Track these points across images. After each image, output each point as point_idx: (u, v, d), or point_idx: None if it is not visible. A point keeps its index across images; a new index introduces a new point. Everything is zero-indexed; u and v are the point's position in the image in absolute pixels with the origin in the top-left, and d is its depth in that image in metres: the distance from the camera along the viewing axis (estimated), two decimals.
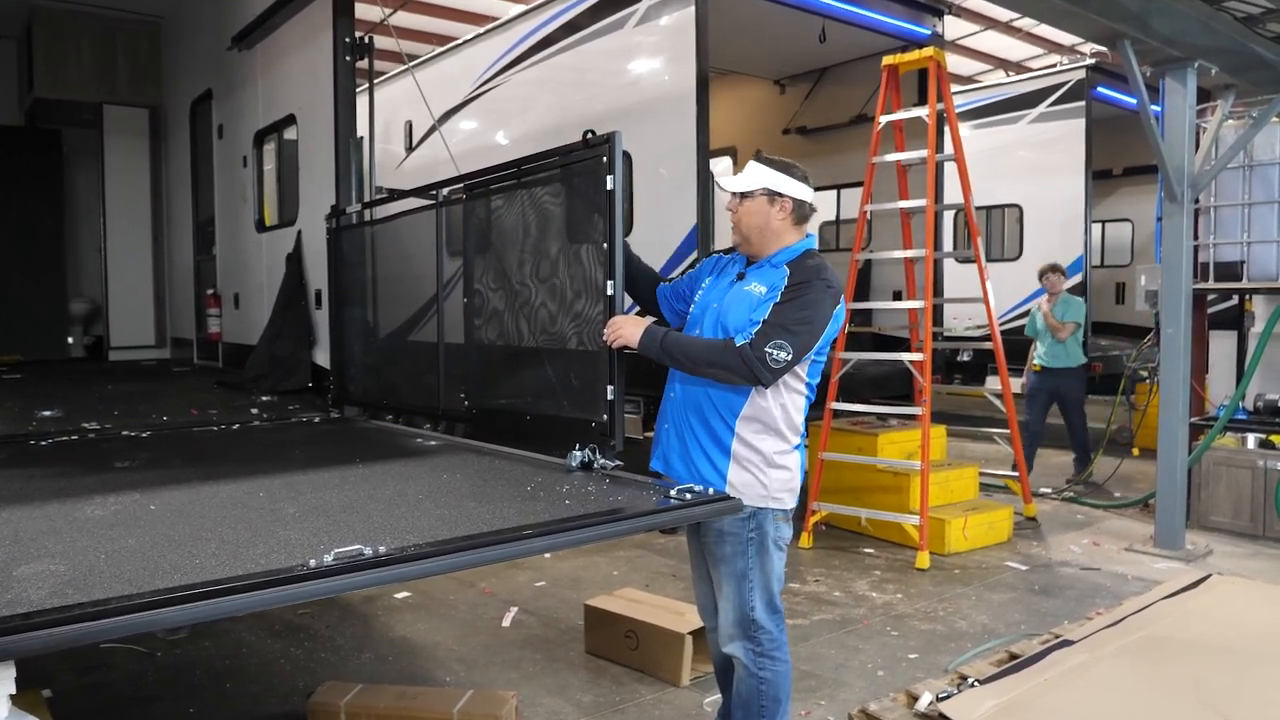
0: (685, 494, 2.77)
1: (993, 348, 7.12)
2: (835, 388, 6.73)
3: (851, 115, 9.37)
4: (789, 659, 3.17)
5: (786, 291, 2.91)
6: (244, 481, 3.17)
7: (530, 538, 2.39)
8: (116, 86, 8.39)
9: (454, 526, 2.48)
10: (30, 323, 8.53)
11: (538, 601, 5.48)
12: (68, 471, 3.44)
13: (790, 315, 2.87)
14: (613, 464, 3.18)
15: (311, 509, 2.73)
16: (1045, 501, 7.99)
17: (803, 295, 2.89)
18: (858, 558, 6.37)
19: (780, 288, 2.93)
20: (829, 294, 2.93)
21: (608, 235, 3.10)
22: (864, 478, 6.83)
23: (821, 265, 2.99)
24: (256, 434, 4.46)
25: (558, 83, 8.30)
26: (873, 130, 6.85)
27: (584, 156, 3.23)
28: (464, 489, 3.04)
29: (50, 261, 8.73)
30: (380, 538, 2.35)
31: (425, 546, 2.26)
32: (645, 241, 7.29)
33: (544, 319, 3.46)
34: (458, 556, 2.26)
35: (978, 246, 7.05)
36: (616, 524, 2.54)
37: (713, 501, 2.77)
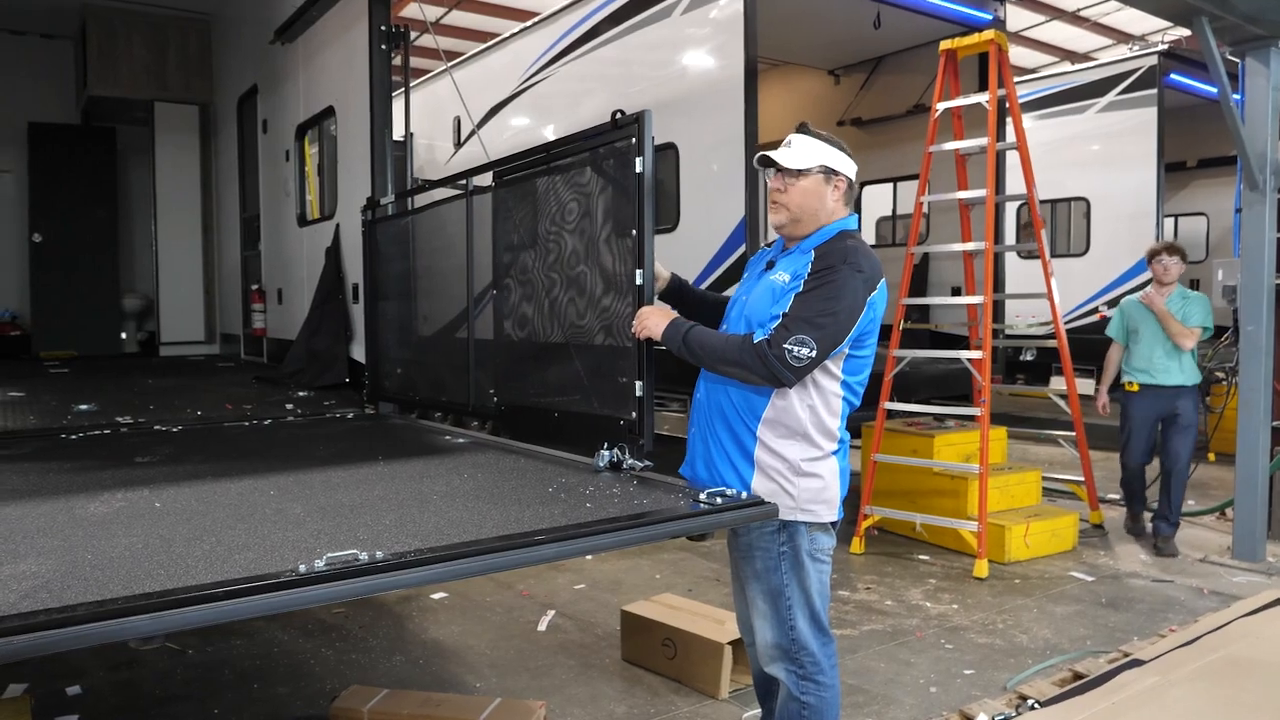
0: (716, 498, 2.57)
1: (1057, 346, 6.77)
2: (889, 387, 6.45)
3: (909, 105, 9.04)
4: (837, 683, 2.87)
5: (810, 279, 2.63)
6: (258, 479, 3.05)
7: (542, 543, 2.21)
8: (167, 83, 8.46)
9: (464, 530, 2.32)
10: (85, 319, 8.65)
11: (576, 605, 5.31)
12: (86, 466, 3.36)
13: (814, 306, 2.58)
14: (642, 464, 2.99)
15: (320, 509, 2.60)
16: (1113, 508, 7.58)
17: (828, 282, 2.60)
18: (912, 565, 6.09)
19: (804, 275, 2.65)
20: (859, 279, 2.61)
21: (637, 221, 2.91)
22: (919, 481, 6.54)
23: (851, 248, 2.67)
24: (285, 430, 4.37)
25: (604, 75, 8.13)
26: (930, 119, 6.54)
27: (612, 138, 3.04)
28: (483, 490, 2.88)
29: (104, 258, 8.84)
30: (383, 541, 2.20)
31: (426, 552, 2.09)
32: (692, 235, 7.10)
33: (571, 312, 3.28)
34: (460, 564, 2.09)
35: (1041, 240, 6.70)
36: (637, 530, 2.35)
37: (744, 506, 2.56)
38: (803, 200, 2.79)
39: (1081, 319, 10.11)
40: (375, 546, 2.10)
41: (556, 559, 2.24)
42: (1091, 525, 6.93)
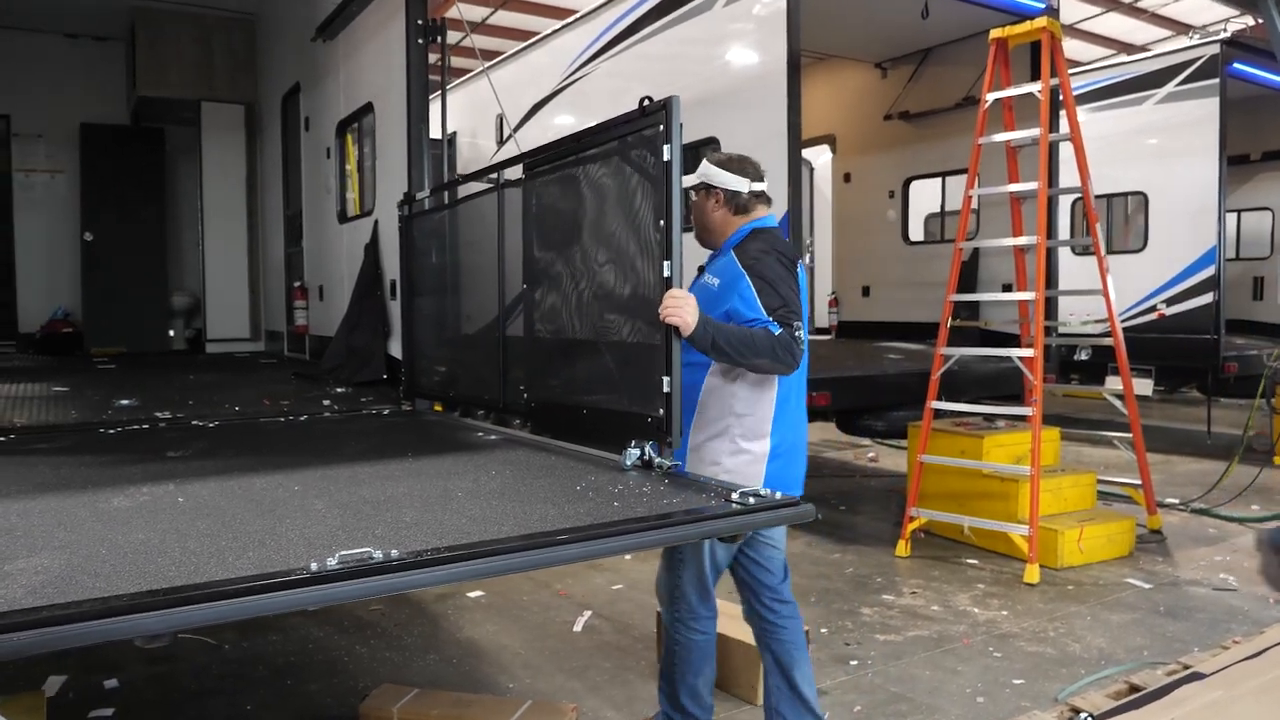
0: (749, 498, 2.46)
1: (1113, 345, 6.52)
2: (936, 386, 6.27)
3: (958, 98, 8.81)
4: (711, 635, 3.38)
5: (752, 279, 2.97)
6: (285, 474, 3.02)
7: (564, 543, 2.13)
8: (214, 83, 8.55)
9: (486, 528, 2.25)
10: (134, 317, 8.78)
11: (613, 606, 5.22)
12: (118, 460, 3.36)
13: (778, 295, 2.94)
14: (670, 463, 2.90)
15: (341, 505, 2.54)
16: (1172, 513, 7.31)
17: (767, 274, 2.98)
18: (959, 569, 5.90)
19: (733, 274, 3.01)
20: (785, 262, 3.04)
21: (665, 210, 2.81)
22: (968, 483, 6.34)
23: (768, 239, 3.11)
24: (319, 426, 4.35)
25: (645, 71, 8.05)
26: (979, 110, 6.34)
27: (640, 126, 2.95)
28: (509, 487, 2.80)
29: (152, 257, 8.97)
30: (402, 539, 2.14)
31: (444, 551, 2.02)
32: None
33: (599, 306, 3.20)
34: (479, 563, 2.01)
35: (1096, 234, 6.47)
36: (664, 531, 2.25)
37: (777, 506, 2.45)
38: (695, 215, 3.29)
39: (1138, 317, 9.79)
40: (393, 544, 2.03)
41: (580, 559, 2.16)
42: (1149, 530, 6.67)
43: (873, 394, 7.14)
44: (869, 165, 9.95)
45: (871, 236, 9.95)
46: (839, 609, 5.16)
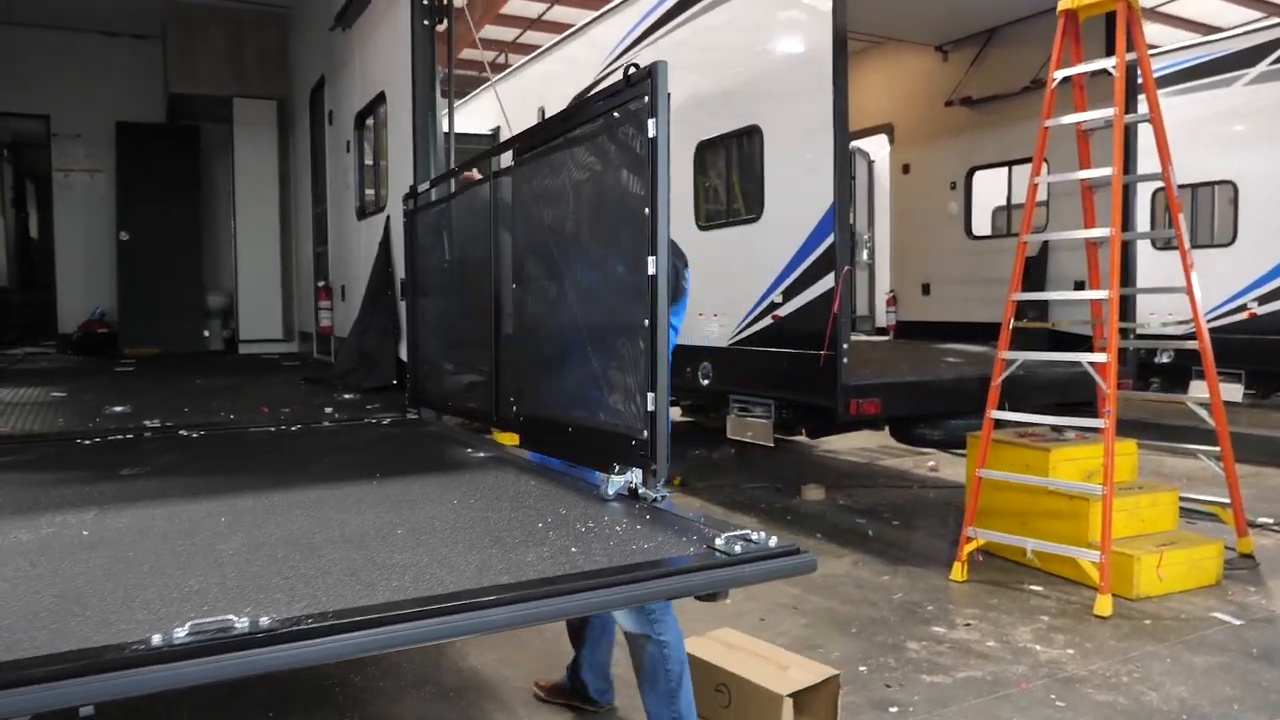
0: (736, 543, 2.02)
1: (1198, 348, 5.87)
2: (996, 394, 5.70)
3: (1024, 82, 8.17)
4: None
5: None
6: (222, 500, 2.68)
7: (488, 605, 1.71)
8: (246, 79, 8.38)
9: (415, 580, 1.86)
10: (168, 317, 8.67)
11: None
12: (63, 479, 3.06)
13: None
14: (655, 494, 2.46)
15: (258, 544, 2.18)
16: (1266, 534, 6.59)
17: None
18: (1021, 597, 5.33)
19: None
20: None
21: (650, 197, 2.38)
22: (1032, 500, 5.76)
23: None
24: (304, 438, 4.02)
25: (685, 57, 7.61)
26: (1045, 89, 5.76)
27: (626, 99, 2.52)
28: (463, 523, 2.40)
29: (187, 256, 8.85)
30: (298, 596, 1.76)
31: (329, 618, 1.63)
32: (777, 225, 6.53)
33: (582, 309, 2.78)
34: (368, 635, 1.61)
35: (1180, 226, 5.81)
36: (619, 590, 1.83)
37: (771, 556, 2.00)
38: None
39: (1226, 317, 9.01)
40: (281, 604, 1.66)
41: (505, 628, 1.74)
42: (1239, 555, 5.98)
43: (928, 401, 6.60)
44: (929, 155, 9.35)
45: (932, 231, 9.35)
46: (882, 642, 4.65)
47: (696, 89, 7.44)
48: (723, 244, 7.22)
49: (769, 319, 6.62)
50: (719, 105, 7.12)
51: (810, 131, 6.12)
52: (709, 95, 7.27)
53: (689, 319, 7.48)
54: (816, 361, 6.07)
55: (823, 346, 6.00)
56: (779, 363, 6.53)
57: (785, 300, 6.45)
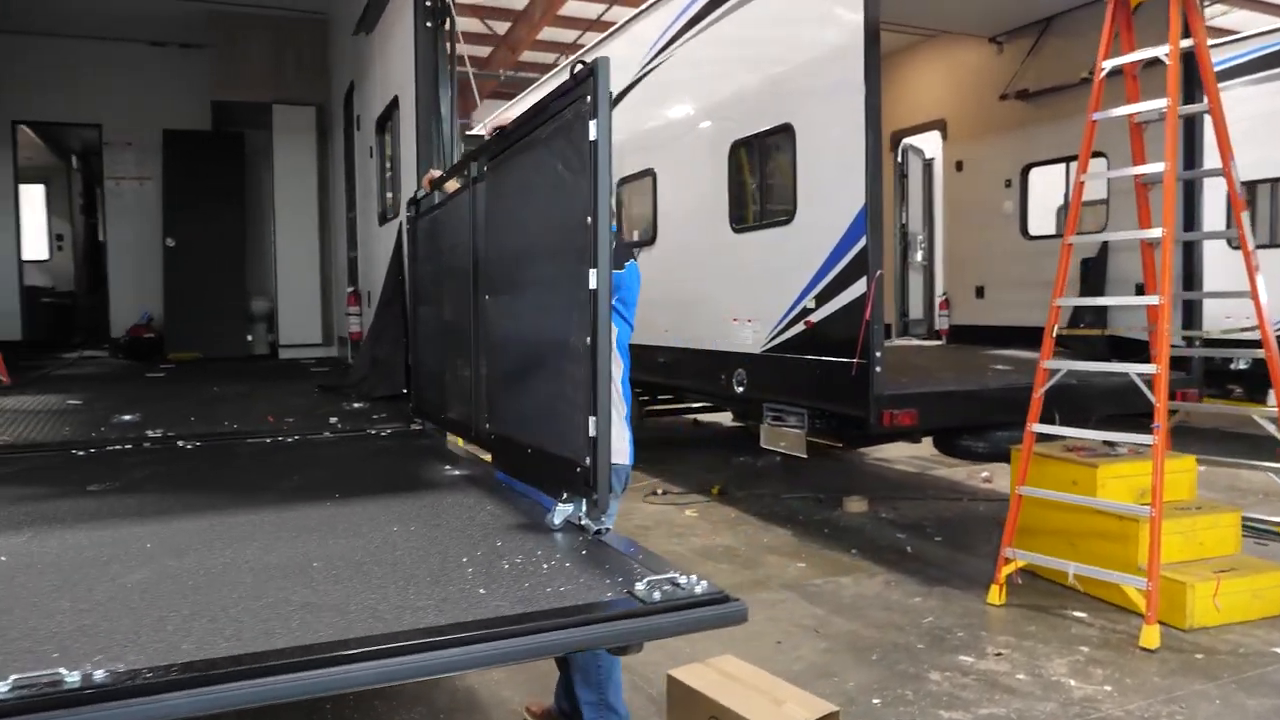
0: (656, 590, 1.82)
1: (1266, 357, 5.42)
2: (1039, 405, 5.34)
3: (1083, 73, 7.68)
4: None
5: None
6: (163, 522, 2.61)
7: (349, 660, 1.55)
8: (286, 85, 8.43)
9: (274, 625, 1.71)
10: (212, 322, 8.78)
11: (640, 656, 4.58)
12: (26, 495, 3.02)
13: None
14: (597, 526, 2.27)
15: (165, 576, 2.08)
16: None
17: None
18: (1062, 624, 4.98)
19: None
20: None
21: (591, 204, 2.19)
22: (1079, 518, 5.38)
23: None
24: (294, 450, 3.96)
25: (719, 55, 7.41)
26: (1094, 79, 5.37)
27: (572, 98, 2.33)
28: (389, 555, 2.26)
29: (231, 262, 8.96)
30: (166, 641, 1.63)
31: (174, 671, 1.49)
32: (809, 228, 6.27)
33: (533, 323, 2.61)
34: (213, 692, 1.46)
35: (1242, 225, 5.37)
36: (498, 643, 1.64)
37: (695, 605, 1.80)
38: None
39: None
40: (121, 656, 1.52)
41: (370, 684, 1.57)
42: None
43: (972, 411, 6.26)
44: (983, 151, 8.93)
45: (986, 231, 8.93)
46: (903, 672, 4.37)
47: (732, 86, 7.22)
48: (756, 247, 6.98)
49: (801, 325, 6.36)
50: (753, 103, 6.88)
51: (842, 129, 5.85)
52: (744, 93, 7.04)
53: (722, 324, 7.31)
54: (849, 370, 5.79)
55: (855, 354, 5.72)
56: (811, 370, 6.27)
57: (818, 306, 6.19)
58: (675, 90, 8.08)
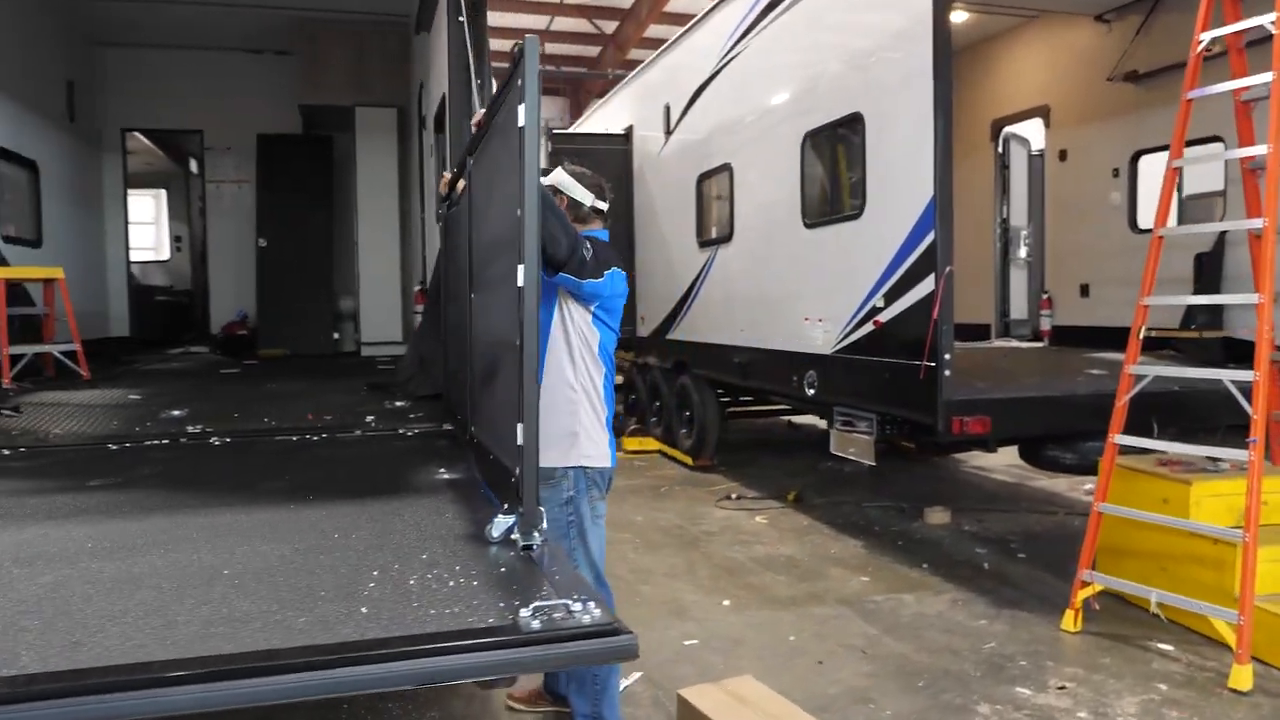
0: (537, 619, 1.65)
1: None
2: (1123, 415, 4.86)
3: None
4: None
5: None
6: (133, 521, 2.63)
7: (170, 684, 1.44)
8: (368, 88, 8.60)
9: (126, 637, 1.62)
10: (300, 320, 9.05)
11: (671, 668, 4.41)
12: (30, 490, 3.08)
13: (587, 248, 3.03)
14: (527, 542, 2.11)
15: (77, 578, 2.07)
16: None
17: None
18: (1142, 657, 4.51)
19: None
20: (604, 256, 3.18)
21: (519, 196, 2.04)
22: (1171, 540, 4.87)
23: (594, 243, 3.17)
24: (313, 449, 3.99)
25: (796, 40, 7.11)
26: (1191, 55, 4.86)
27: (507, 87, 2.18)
28: (308, 564, 2.17)
29: (318, 262, 9.21)
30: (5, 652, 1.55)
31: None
32: (878, 223, 5.94)
33: (488, 322, 2.47)
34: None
35: None
36: (330, 675, 1.50)
37: (578, 638, 1.62)
38: None
39: None
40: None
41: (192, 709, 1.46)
42: None
43: (1055, 418, 5.77)
44: (1089, 139, 8.30)
45: (1092, 224, 8.30)
46: (948, 702, 4.03)
47: (805, 75, 6.92)
48: (826, 243, 6.66)
49: (870, 325, 6.02)
50: (824, 92, 6.57)
51: (911, 118, 5.50)
52: (816, 81, 6.74)
53: (794, 323, 7.01)
54: (916, 373, 5.44)
55: (923, 356, 5.37)
56: (880, 373, 5.94)
57: (886, 304, 5.85)
58: (751, 81, 7.82)
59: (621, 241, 10.67)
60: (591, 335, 3.15)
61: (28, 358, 6.04)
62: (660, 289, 9.99)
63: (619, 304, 3.22)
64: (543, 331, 3.18)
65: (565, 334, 3.10)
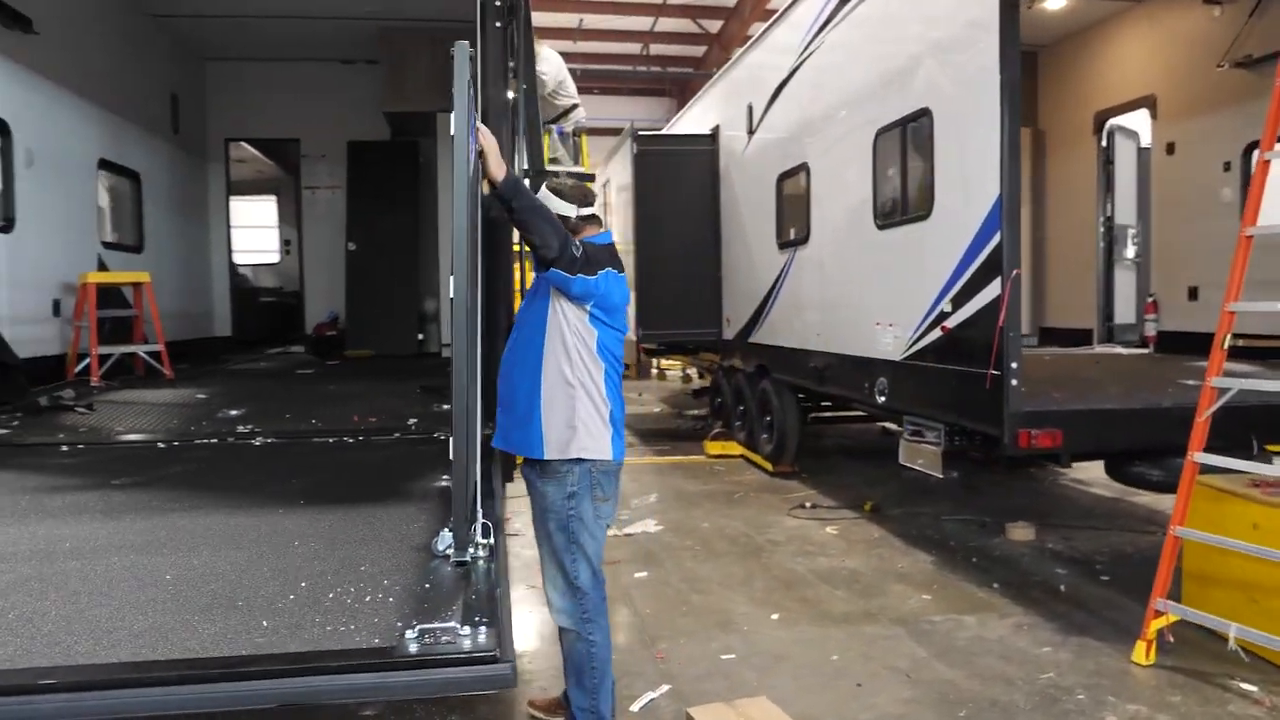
0: (422, 639, 1.60)
1: None
2: (1203, 431, 4.46)
3: None
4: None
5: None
6: (99, 524, 2.66)
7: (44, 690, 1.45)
8: (449, 94, 8.71)
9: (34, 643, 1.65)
10: (386, 321, 9.31)
11: (702, 683, 4.29)
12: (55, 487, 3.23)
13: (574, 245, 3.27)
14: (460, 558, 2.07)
15: (35, 577, 2.14)
16: None
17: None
18: (1220, 698, 4.12)
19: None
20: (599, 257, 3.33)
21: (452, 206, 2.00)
22: (1259, 569, 4.44)
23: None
24: (344, 452, 4.08)
25: (870, 33, 6.86)
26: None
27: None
28: (251, 572, 2.20)
29: (404, 264, 9.44)
30: None
31: None
32: (946, 224, 5.68)
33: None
34: None
35: None
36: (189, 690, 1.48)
37: (453, 664, 1.56)
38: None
39: None
40: None
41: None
42: None
43: (1138, 433, 5.38)
44: (1198, 130, 7.71)
45: (1201, 222, 7.71)
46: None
47: (877, 69, 6.66)
48: (897, 245, 6.41)
49: (938, 330, 5.75)
50: (895, 86, 6.31)
51: (979, 112, 5.21)
52: (887, 75, 6.48)
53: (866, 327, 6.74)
54: (982, 382, 5.16)
55: (989, 364, 5.09)
56: (947, 381, 5.66)
57: (954, 309, 5.57)
58: (826, 77, 7.59)
59: (708, 242, 10.58)
60: (588, 333, 3.29)
61: (114, 357, 6.41)
62: (743, 291, 9.84)
63: (615, 303, 3.35)
64: (538, 332, 3.31)
65: (561, 333, 3.26)
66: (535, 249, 3.17)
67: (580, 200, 3.51)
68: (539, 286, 3.37)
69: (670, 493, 8.56)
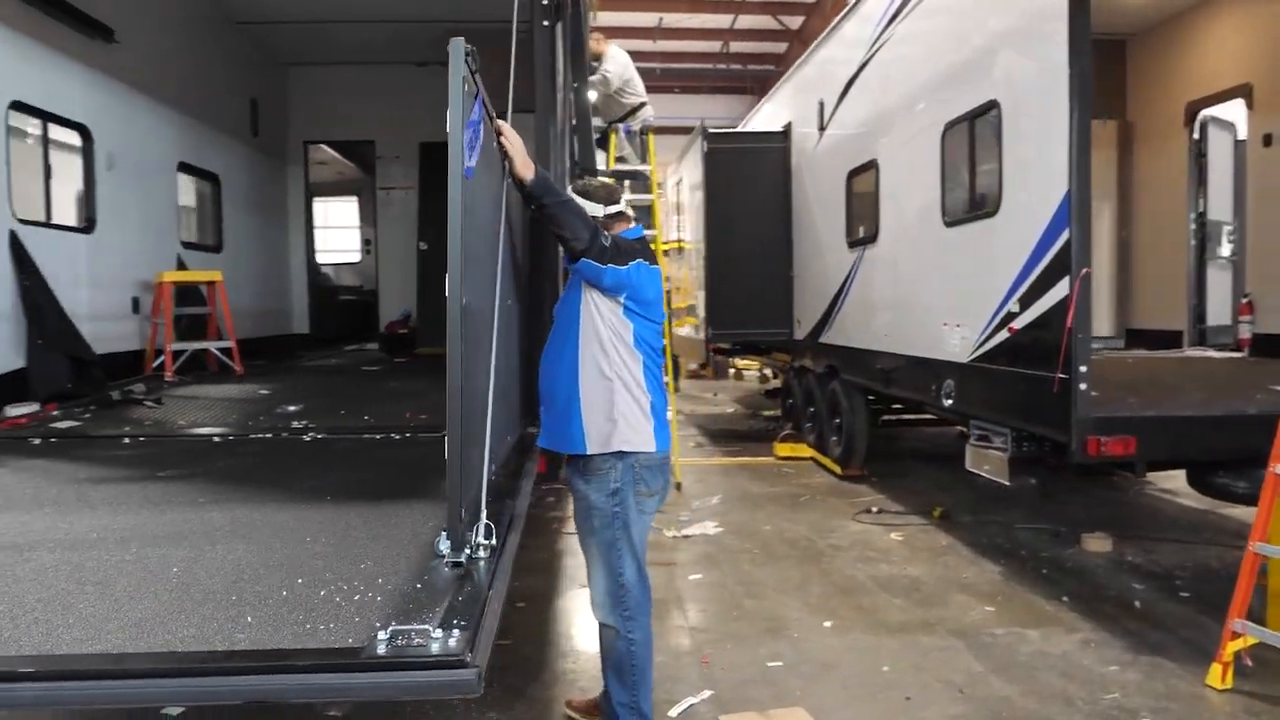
0: (392, 641, 1.58)
1: None
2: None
3: None
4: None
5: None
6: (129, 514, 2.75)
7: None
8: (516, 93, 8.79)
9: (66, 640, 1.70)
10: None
11: (745, 690, 4.20)
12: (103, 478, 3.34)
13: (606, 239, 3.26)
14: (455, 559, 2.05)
15: (47, 566, 2.18)
16: None
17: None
18: None
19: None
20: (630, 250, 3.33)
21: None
22: None
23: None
24: (384, 448, 4.14)
25: (931, 27, 6.67)
26: None
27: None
28: (253, 567, 2.21)
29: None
30: None
31: None
32: (1014, 222, 5.47)
33: None
34: None
35: None
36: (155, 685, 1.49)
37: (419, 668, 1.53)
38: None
39: None
40: None
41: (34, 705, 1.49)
42: None
43: (1220, 441, 5.06)
44: None
45: None
46: None
47: (945, 61, 6.45)
48: (965, 242, 6.19)
49: (1005, 332, 5.53)
50: (964, 78, 6.10)
51: (1048, 103, 4.99)
52: (955, 67, 6.27)
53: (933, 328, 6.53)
54: (1049, 385, 4.94)
55: (1057, 368, 4.87)
56: (1014, 384, 5.44)
57: (1021, 310, 5.35)
58: (895, 71, 7.39)
59: (780, 241, 10.42)
60: (624, 327, 3.29)
61: (187, 353, 6.65)
62: (813, 290, 9.67)
63: (649, 295, 3.33)
64: (572, 326, 3.32)
65: (595, 328, 3.27)
66: (565, 242, 3.19)
67: (607, 199, 3.54)
68: (572, 282, 3.37)
69: (735, 494, 8.45)
